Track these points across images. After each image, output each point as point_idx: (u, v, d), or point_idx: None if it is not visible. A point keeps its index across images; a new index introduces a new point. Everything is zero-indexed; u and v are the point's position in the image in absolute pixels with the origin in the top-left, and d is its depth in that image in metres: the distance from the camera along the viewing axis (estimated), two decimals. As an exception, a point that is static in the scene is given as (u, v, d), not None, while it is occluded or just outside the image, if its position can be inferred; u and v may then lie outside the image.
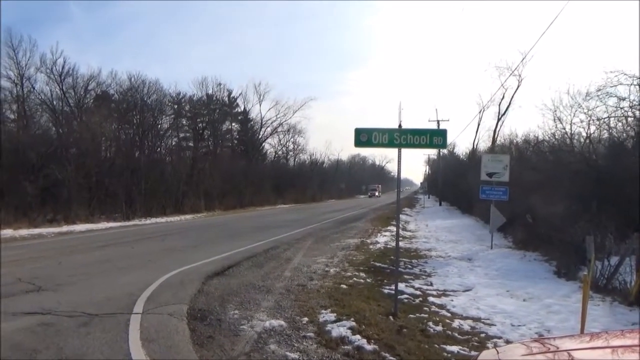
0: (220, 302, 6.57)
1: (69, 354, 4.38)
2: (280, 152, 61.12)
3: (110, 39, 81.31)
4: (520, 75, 29.42)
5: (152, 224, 23.64)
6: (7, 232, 18.06)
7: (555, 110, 15.82)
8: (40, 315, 5.73)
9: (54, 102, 33.29)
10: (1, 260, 9.74)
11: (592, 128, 14.74)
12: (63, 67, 32.96)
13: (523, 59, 31.13)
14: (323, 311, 6.14)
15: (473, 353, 4.82)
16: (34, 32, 67.06)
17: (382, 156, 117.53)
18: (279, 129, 57.07)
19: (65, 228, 20.58)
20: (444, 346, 5.07)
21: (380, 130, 6.51)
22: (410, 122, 7.01)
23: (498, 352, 2.12)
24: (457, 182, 32.08)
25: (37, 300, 6.51)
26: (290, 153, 63.49)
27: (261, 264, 9.97)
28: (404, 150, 6.55)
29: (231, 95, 52.07)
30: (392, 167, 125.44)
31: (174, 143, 43.69)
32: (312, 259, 10.77)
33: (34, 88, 32.25)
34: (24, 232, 18.55)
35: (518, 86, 29.95)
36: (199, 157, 40.52)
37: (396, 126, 6.46)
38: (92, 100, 35.75)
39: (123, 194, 28.08)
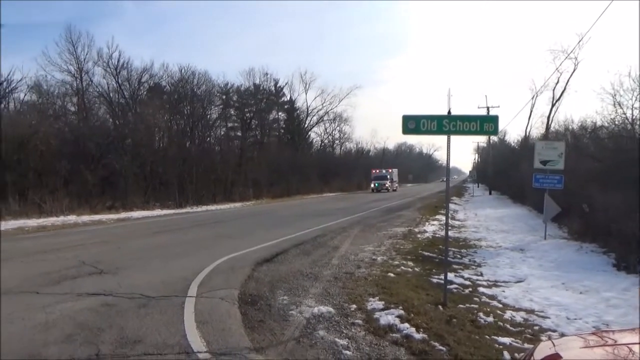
0: (269, 288, 6.72)
1: (130, 334, 4.63)
2: (326, 141, 61.33)
3: (160, 31, 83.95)
4: (576, 59, 27.90)
5: (203, 212, 24.39)
6: (71, 218, 19.20)
7: (615, 95, 14.96)
8: (103, 296, 6.09)
9: (111, 95, 34.86)
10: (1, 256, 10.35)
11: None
12: (118, 61, 34.41)
13: (580, 41, 29.44)
14: (371, 299, 6.16)
15: (526, 345, 4.71)
16: (91, 28, 70.26)
17: (429, 144, 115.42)
18: (325, 118, 57.23)
19: (123, 215, 21.63)
20: (496, 337, 4.98)
21: (428, 117, 6.38)
22: (459, 109, 6.86)
23: (554, 345, 2.07)
24: (508, 171, 31.04)
25: (99, 282, 6.91)
26: (336, 142, 63.54)
27: (309, 251, 10.10)
28: (453, 138, 6.41)
29: (278, 85, 52.59)
30: (440, 156, 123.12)
31: (222, 133, 44.73)
32: (359, 247, 10.80)
33: (92, 81, 33.87)
34: (85, 218, 19.65)
35: (574, 70, 28.40)
36: (246, 147, 41.29)
37: (444, 113, 6.33)
38: (145, 92, 37.12)
39: (175, 183, 29.11)
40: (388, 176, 51.39)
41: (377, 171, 53.32)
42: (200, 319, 5.09)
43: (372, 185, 49.49)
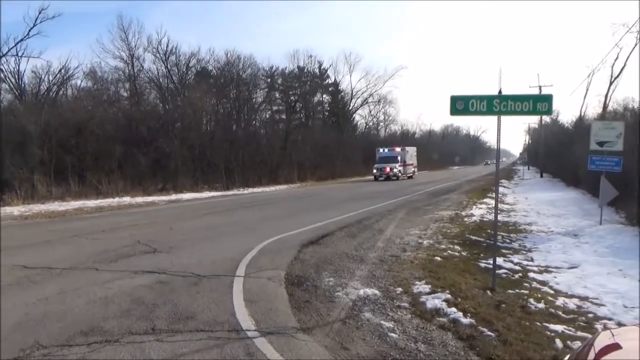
0: (315, 270, 6.81)
1: (183, 310, 4.83)
2: (370, 123, 60.87)
3: (207, 16, 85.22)
4: (638, 33, 26.06)
5: (249, 194, 24.90)
6: (126, 200, 20.12)
7: (683, 70, 13.83)
8: (157, 274, 6.37)
9: (160, 80, 35.94)
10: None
11: None
12: (167, 46, 35.34)
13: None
14: (417, 282, 6.12)
15: (579, 334, 4.55)
16: (141, 15, 72.26)
17: (477, 126, 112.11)
18: (370, 100, 56.63)
19: (173, 196, 22.43)
20: (547, 324, 4.83)
21: (478, 97, 6.17)
22: (509, 89, 6.58)
23: (613, 335, 1.98)
24: (561, 152, 29.71)
25: (153, 261, 7.23)
26: (381, 124, 62.95)
27: (354, 234, 10.12)
28: (503, 119, 6.19)
29: (322, 67, 52.41)
30: (488, 137, 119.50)
31: (267, 116, 45.27)
32: (404, 230, 10.71)
33: (142, 67, 35.01)
34: (139, 199, 20.53)
35: (635, 45, 26.53)
36: (291, 130, 41.55)
37: (494, 93, 6.09)
38: (193, 77, 37.98)
39: (222, 165, 29.80)
40: (398, 157, 37.33)
41: (384, 150, 39.35)
42: (249, 298, 5.23)
43: (374, 171, 36.63)
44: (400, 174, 36.44)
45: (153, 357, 3.71)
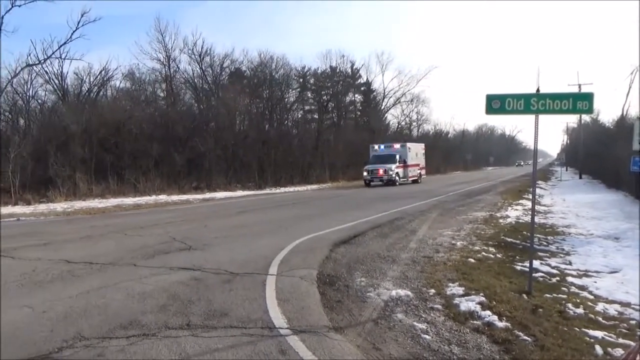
0: (347, 269, 6.81)
1: (217, 307, 4.93)
2: (403, 123, 60.22)
3: (240, 17, 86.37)
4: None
5: (281, 193, 25.11)
6: (162, 197, 20.64)
7: None
8: (192, 271, 6.52)
9: (195, 81, 36.66)
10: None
11: None
12: (202, 48, 36.01)
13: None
14: (450, 284, 6.03)
15: (621, 340, 4.39)
16: (177, 17, 73.88)
17: (512, 126, 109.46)
18: (402, 99, 56.05)
19: (207, 195, 22.87)
20: (586, 330, 4.68)
21: (514, 95, 6.03)
22: (546, 88, 6.39)
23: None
24: (601, 153, 28.63)
25: (188, 258, 7.40)
26: (414, 123, 62.21)
27: (386, 234, 10.07)
28: (540, 119, 6.03)
29: (354, 67, 52.24)
30: (523, 137, 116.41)
31: (299, 116, 45.46)
32: (437, 231, 10.57)
33: (178, 68, 35.81)
34: (174, 197, 21.03)
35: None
36: (323, 129, 41.63)
37: (529, 91, 5.94)
38: (227, 77, 38.57)
39: (255, 165, 30.17)
40: (397, 156, 29.75)
41: (379, 147, 32.31)
42: (281, 297, 5.28)
43: (365, 174, 29.50)
44: (398, 178, 29.23)
45: (189, 351, 3.80)
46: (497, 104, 6.10)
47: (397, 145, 31.84)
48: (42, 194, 20.09)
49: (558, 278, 6.90)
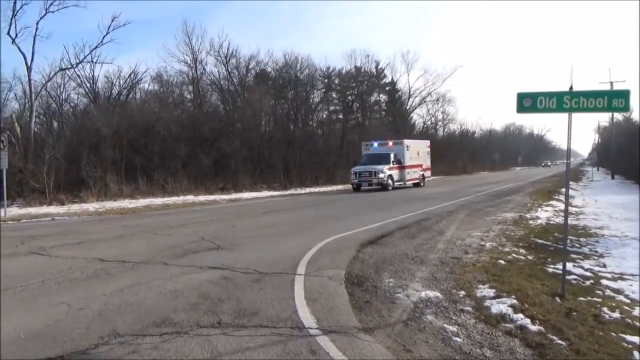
0: (375, 270, 6.78)
1: (247, 306, 4.98)
2: (428, 123, 59.61)
3: (265, 18, 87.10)
4: None
5: (306, 193, 25.17)
6: (189, 198, 20.99)
7: None
8: (221, 270, 6.60)
9: (221, 82, 37.09)
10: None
11: None
12: (228, 49, 36.41)
13: None
14: (480, 286, 5.94)
15: (661, 346, 4.25)
16: (204, 20, 74.95)
17: (541, 125, 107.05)
18: (428, 99, 55.49)
19: (234, 195, 23.13)
20: (623, 335, 4.55)
21: (546, 93, 5.91)
22: (576, 85, 6.20)
23: None
24: (634, 152, 27.68)
25: (217, 257, 7.50)
26: (439, 123, 61.52)
27: (413, 235, 9.98)
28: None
29: (379, 67, 52.01)
30: (553, 137, 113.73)
31: (324, 116, 45.48)
32: (465, 232, 10.43)
33: (205, 70, 36.31)
34: (202, 198, 21.35)
35: None
36: (348, 130, 41.55)
37: (557, 90, 5.81)
38: (252, 79, 38.90)
39: (281, 165, 30.34)
40: (391, 156, 25.72)
41: (370, 145, 28.45)
42: (310, 297, 5.30)
43: (352, 177, 25.59)
44: (391, 181, 25.12)
45: (220, 350, 3.85)
46: (528, 102, 5.99)
47: (391, 143, 27.57)
48: (75, 195, 20.68)
49: (592, 281, 6.73)
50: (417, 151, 28.57)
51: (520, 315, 4.86)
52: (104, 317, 4.68)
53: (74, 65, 28.05)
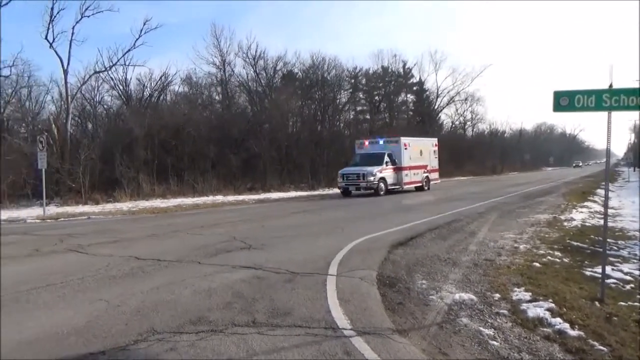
0: (406, 271, 6.73)
1: (280, 305, 5.01)
2: (457, 122, 58.78)
3: (292, 19, 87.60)
4: None
5: (334, 194, 25.13)
6: (219, 198, 21.27)
7: None
8: (253, 269, 6.66)
9: (249, 84, 37.42)
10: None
11: None
12: (256, 51, 36.71)
13: None
14: (516, 289, 5.82)
15: None
16: (232, 22, 75.92)
17: (574, 124, 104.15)
18: (456, 98, 54.68)
19: (262, 196, 23.30)
20: (669, 342, 4.38)
21: (584, 92, 5.75)
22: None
23: None
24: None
25: (249, 257, 7.58)
26: (468, 123, 60.55)
27: (444, 236, 9.86)
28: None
29: (406, 66, 51.55)
30: (586, 136, 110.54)
31: (351, 116, 45.38)
32: (498, 233, 10.24)
33: (233, 72, 36.73)
34: (231, 198, 21.61)
35: None
36: (375, 130, 41.32)
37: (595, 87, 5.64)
38: (279, 80, 39.15)
39: (308, 165, 30.44)
40: (385, 155, 22.73)
41: (363, 144, 25.34)
42: (342, 297, 5.29)
43: (339, 180, 22.92)
44: (383, 185, 22.03)
45: (256, 349, 3.89)
46: (565, 101, 5.85)
47: (381, 141, 24.42)
48: (109, 194, 21.26)
49: (632, 285, 6.51)
50: (419, 150, 25.42)
51: (559, 320, 4.74)
52: (141, 314, 4.78)
53: (108, 68, 28.86)
